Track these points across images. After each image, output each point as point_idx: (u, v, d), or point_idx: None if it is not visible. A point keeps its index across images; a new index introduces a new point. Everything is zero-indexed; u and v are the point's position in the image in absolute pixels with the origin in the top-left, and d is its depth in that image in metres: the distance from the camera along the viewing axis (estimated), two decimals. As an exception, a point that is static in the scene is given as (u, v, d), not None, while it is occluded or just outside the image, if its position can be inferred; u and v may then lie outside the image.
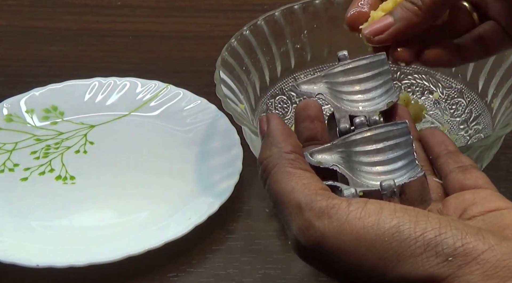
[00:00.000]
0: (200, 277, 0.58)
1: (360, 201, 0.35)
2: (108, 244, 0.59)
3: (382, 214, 0.34)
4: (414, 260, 0.33)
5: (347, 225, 0.34)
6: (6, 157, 0.68)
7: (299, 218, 0.36)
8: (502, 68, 0.63)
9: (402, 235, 0.33)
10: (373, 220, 0.34)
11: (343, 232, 0.34)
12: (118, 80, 0.75)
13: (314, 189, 0.36)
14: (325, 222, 0.35)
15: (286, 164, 0.38)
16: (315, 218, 0.35)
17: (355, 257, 0.34)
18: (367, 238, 0.34)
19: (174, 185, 0.65)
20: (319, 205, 0.35)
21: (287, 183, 0.37)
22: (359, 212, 0.35)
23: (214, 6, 0.90)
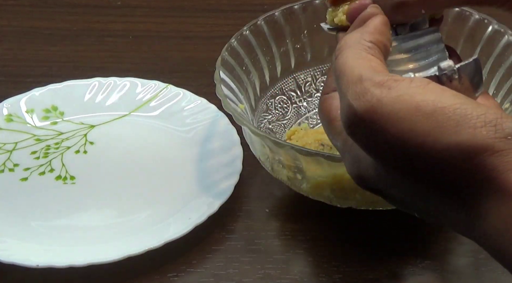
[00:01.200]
0: (200, 277, 0.58)
1: (423, 80, 0.35)
2: (108, 244, 0.59)
3: (444, 93, 0.34)
4: (473, 131, 0.33)
5: (407, 96, 0.34)
6: (6, 157, 0.68)
7: (357, 86, 0.35)
8: (502, 68, 0.63)
9: (465, 111, 0.33)
10: (435, 96, 0.34)
11: (401, 101, 0.34)
12: (118, 80, 0.75)
13: (380, 70, 0.36)
14: (384, 91, 0.35)
15: (361, 48, 0.38)
16: (374, 87, 0.35)
17: (410, 123, 0.34)
18: (427, 108, 0.33)
19: (174, 185, 0.65)
20: (381, 77, 0.35)
21: (355, 60, 0.37)
22: (421, 88, 0.34)
23: (214, 6, 0.90)
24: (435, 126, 0.33)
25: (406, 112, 0.34)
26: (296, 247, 0.61)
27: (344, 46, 0.38)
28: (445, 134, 0.33)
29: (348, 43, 0.38)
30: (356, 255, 0.59)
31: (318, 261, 0.60)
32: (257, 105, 0.65)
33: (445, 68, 0.38)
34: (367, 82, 0.35)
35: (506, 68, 0.63)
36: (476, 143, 0.33)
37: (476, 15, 0.65)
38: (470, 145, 0.33)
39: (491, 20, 0.65)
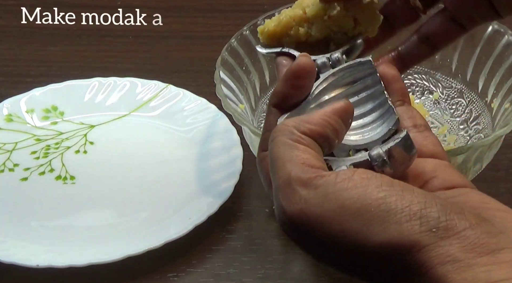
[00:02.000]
0: (200, 277, 0.58)
1: (348, 172, 0.35)
2: (108, 244, 0.59)
3: (368, 187, 0.34)
4: (399, 227, 0.33)
5: (332, 195, 0.35)
6: (6, 157, 0.68)
7: (286, 187, 0.36)
8: (502, 68, 0.63)
9: (389, 206, 0.34)
10: (360, 191, 0.34)
11: (328, 200, 0.35)
12: (118, 80, 0.75)
13: (310, 165, 0.36)
14: (311, 192, 0.35)
15: (294, 139, 0.38)
16: (301, 187, 0.35)
17: (338, 224, 0.34)
18: (352, 207, 0.34)
19: (174, 185, 0.65)
20: (308, 175, 0.36)
21: (287, 152, 0.37)
22: (346, 183, 0.35)
23: (214, 6, 0.90)
24: (363, 225, 0.34)
25: (333, 212, 0.34)
26: (296, 247, 0.61)
27: (278, 133, 0.38)
28: (373, 233, 0.34)
29: (282, 131, 0.38)
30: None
31: (318, 261, 0.59)
32: (257, 105, 0.65)
33: (375, 157, 0.38)
34: (295, 182, 0.36)
35: (506, 68, 0.63)
36: (403, 241, 0.33)
37: (476, 15, 0.65)
38: (398, 242, 0.33)
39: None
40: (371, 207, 0.34)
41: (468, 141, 0.65)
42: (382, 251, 0.34)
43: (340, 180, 0.35)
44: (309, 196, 0.35)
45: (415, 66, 0.69)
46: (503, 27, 0.64)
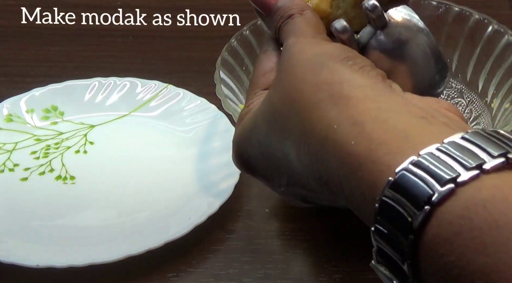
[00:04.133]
0: (200, 277, 0.58)
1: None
2: (108, 244, 0.59)
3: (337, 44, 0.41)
4: (330, 58, 0.38)
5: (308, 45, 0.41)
6: (6, 157, 0.68)
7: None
8: (502, 68, 0.63)
9: (340, 51, 0.39)
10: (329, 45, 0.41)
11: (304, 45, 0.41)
12: (118, 80, 0.75)
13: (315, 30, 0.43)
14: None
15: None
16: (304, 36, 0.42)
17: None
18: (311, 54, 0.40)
19: (174, 185, 0.65)
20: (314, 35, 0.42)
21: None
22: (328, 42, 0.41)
23: (214, 6, 0.90)
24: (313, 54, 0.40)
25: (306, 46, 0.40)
26: (296, 247, 0.61)
27: (303, 18, 0.44)
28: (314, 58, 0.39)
29: (306, 16, 0.44)
30: (356, 255, 0.59)
31: (318, 261, 0.59)
32: (257, 105, 0.65)
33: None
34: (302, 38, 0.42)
35: (506, 68, 0.63)
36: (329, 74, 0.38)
37: (476, 15, 0.65)
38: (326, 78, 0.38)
39: (491, 20, 0.65)
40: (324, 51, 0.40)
41: (468, 141, 0.65)
42: (309, 67, 0.38)
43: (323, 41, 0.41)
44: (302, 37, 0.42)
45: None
46: (503, 27, 0.64)
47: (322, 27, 0.43)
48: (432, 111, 0.35)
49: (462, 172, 0.30)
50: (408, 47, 0.37)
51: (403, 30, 0.37)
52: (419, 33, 0.37)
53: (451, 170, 0.30)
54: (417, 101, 0.36)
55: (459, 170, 0.30)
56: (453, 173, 0.30)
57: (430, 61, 0.38)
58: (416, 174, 0.31)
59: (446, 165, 0.30)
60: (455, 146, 0.31)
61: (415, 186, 0.30)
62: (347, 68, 0.37)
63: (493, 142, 0.31)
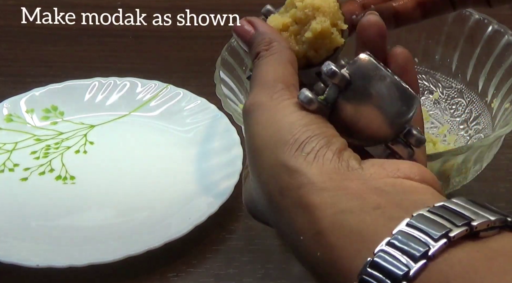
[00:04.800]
0: (200, 277, 0.58)
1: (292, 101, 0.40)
2: (108, 244, 0.59)
3: (297, 112, 0.39)
4: (284, 148, 0.38)
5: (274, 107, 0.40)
6: (6, 157, 0.68)
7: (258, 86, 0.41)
8: (502, 68, 0.63)
9: (293, 127, 0.38)
10: (288, 112, 0.39)
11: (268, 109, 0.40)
12: (118, 80, 0.75)
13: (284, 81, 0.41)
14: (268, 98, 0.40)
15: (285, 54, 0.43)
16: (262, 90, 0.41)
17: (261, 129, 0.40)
18: (272, 121, 0.39)
19: (174, 185, 0.65)
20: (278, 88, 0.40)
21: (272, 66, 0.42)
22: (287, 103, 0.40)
23: (214, 6, 0.90)
24: (269, 135, 0.39)
25: (264, 118, 0.40)
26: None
27: (269, 52, 0.43)
28: (270, 144, 0.39)
29: (272, 50, 0.43)
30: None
31: (318, 261, 0.59)
32: (257, 105, 0.65)
33: (325, 69, 0.39)
34: (265, 89, 0.41)
35: (506, 68, 0.63)
36: (282, 162, 0.38)
37: (476, 15, 0.65)
38: (280, 162, 0.38)
39: (491, 20, 0.65)
40: (284, 123, 0.39)
41: (468, 141, 0.65)
42: (270, 172, 0.38)
43: (288, 103, 0.40)
44: (265, 99, 0.40)
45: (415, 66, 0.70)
46: (503, 27, 0.64)
47: (288, 68, 0.42)
48: (388, 192, 0.36)
49: (410, 265, 0.32)
50: (374, 93, 0.39)
51: (367, 82, 0.39)
52: (381, 76, 0.39)
53: (401, 263, 0.32)
54: (374, 180, 0.37)
55: (408, 263, 0.32)
56: (403, 266, 0.32)
57: (396, 97, 0.40)
58: (373, 275, 0.32)
59: (395, 259, 0.32)
60: (402, 235, 0.33)
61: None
62: (302, 162, 0.37)
63: (436, 222, 0.32)
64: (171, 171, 0.67)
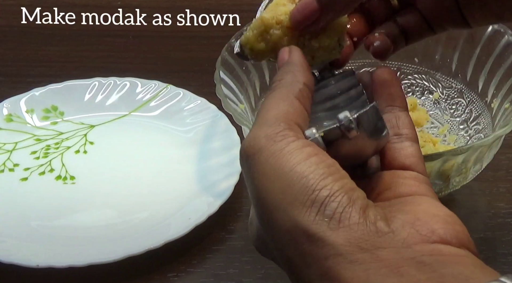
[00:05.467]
0: (200, 277, 0.58)
1: (302, 143, 0.36)
2: (108, 244, 0.59)
3: (308, 160, 0.36)
4: (301, 210, 0.34)
5: (280, 154, 0.36)
6: (6, 157, 0.68)
7: (257, 128, 0.38)
8: (502, 68, 0.63)
9: (306, 183, 0.35)
10: (298, 160, 0.36)
11: (274, 157, 0.36)
12: (118, 80, 0.75)
13: (291, 118, 0.38)
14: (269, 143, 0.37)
15: (292, 91, 0.39)
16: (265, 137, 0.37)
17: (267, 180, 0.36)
18: (283, 170, 0.36)
19: (174, 185, 0.65)
20: (277, 130, 0.37)
21: (278, 102, 0.39)
22: (294, 150, 0.36)
23: (214, 6, 0.90)
24: (280, 192, 0.35)
25: (270, 169, 0.36)
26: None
27: (278, 86, 0.40)
28: (282, 206, 0.35)
29: (282, 84, 0.40)
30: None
31: (318, 261, 0.59)
32: (257, 105, 0.65)
33: (342, 119, 0.38)
34: (264, 129, 0.37)
35: (506, 68, 0.63)
36: (299, 225, 0.34)
37: (476, 15, 0.65)
38: (296, 225, 0.35)
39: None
40: (296, 175, 0.35)
41: (468, 141, 0.65)
42: (288, 236, 0.35)
43: (293, 147, 0.36)
44: (266, 145, 0.37)
45: (415, 66, 0.70)
46: (503, 27, 0.64)
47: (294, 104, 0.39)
48: (427, 264, 0.33)
49: None
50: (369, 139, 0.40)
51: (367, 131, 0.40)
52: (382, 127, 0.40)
53: None
54: (409, 249, 0.34)
55: None
56: None
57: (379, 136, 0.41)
58: None
59: None
60: None
61: None
62: (326, 230, 0.34)
63: None
64: (171, 171, 0.67)
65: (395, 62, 0.70)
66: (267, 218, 0.36)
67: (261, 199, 0.36)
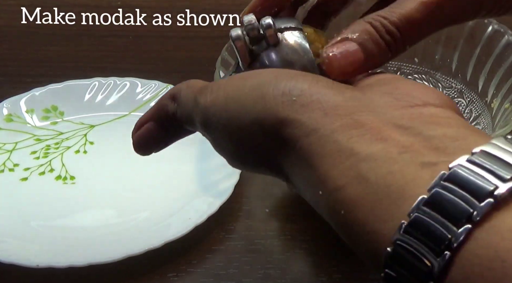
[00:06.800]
0: (200, 277, 0.58)
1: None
2: (108, 244, 0.59)
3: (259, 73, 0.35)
4: (268, 101, 0.33)
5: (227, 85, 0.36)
6: (6, 157, 0.68)
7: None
8: (502, 68, 0.63)
9: (265, 82, 0.34)
10: (246, 75, 0.36)
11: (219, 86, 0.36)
12: (118, 80, 0.75)
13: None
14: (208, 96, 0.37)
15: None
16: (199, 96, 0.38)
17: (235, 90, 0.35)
18: (244, 84, 0.35)
19: (174, 185, 0.65)
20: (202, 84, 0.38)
21: None
22: (237, 76, 0.36)
23: (214, 6, 0.90)
24: (242, 102, 0.34)
25: (226, 89, 0.36)
26: (296, 247, 0.61)
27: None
28: (253, 107, 0.34)
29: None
30: (356, 255, 0.59)
31: (318, 261, 0.60)
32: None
33: (263, 22, 0.40)
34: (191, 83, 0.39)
35: (506, 68, 0.63)
36: (270, 116, 0.33)
37: (476, 15, 0.65)
38: (266, 117, 0.33)
39: (491, 20, 0.65)
40: (260, 82, 0.34)
41: (468, 141, 0.65)
42: (255, 129, 0.34)
43: (234, 77, 0.36)
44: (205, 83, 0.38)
45: (415, 66, 0.69)
46: (503, 27, 0.64)
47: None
48: (409, 127, 0.30)
49: (453, 231, 0.26)
50: (292, 67, 0.40)
51: (290, 52, 0.40)
52: (304, 58, 0.40)
53: (444, 227, 0.26)
54: (389, 114, 0.31)
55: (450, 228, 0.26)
56: (446, 231, 0.26)
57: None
58: (407, 248, 0.27)
59: (436, 220, 0.27)
60: (443, 193, 0.27)
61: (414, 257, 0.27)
62: (298, 109, 0.32)
63: (483, 178, 0.27)
64: (171, 171, 0.67)
65: (395, 62, 0.70)
66: (235, 123, 0.35)
67: (229, 110, 0.35)
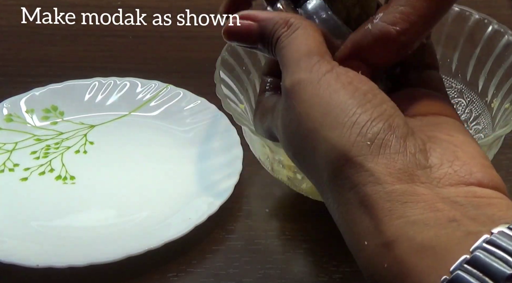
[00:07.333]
0: (200, 277, 0.58)
1: (338, 73, 0.37)
2: (108, 244, 0.59)
3: (343, 89, 0.36)
4: (341, 131, 0.34)
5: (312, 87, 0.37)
6: (6, 157, 0.68)
7: (294, 64, 0.39)
8: (502, 68, 0.63)
9: (346, 108, 0.35)
10: (333, 89, 0.36)
11: (306, 87, 0.37)
12: (118, 80, 0.75)
13: (318, 52, 0.38)
14: (307, 74, 0.37)
15: (306, 29, 0.40)
16: (304, 70, 0.38)
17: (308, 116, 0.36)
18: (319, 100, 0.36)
19: (174, 185, 0.65)
20: (314, 60, 0.38)
21: (300, 42, 0.39)
22: (334, 79, 0.37)
23: (214, 6, 0.90)
24: (320, 115, 0.36)
25: (309, 97, 0.37)
26: (296, 247, 0.61)
27: (291, 31, 0.40)
28: (323, 128, 0.35)
29: (293, 28, 0.40)
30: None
31: (318, 261, 0.60)
32: (257, 105, 0.65)
33: None
34: (301, 63, 0.38)
35: (506, 68, 0.63)
36: (339, 146, 0.34)
37: (476, 15, 0.65)
38: (336, 146, 0.34)
39: (491, 20, 0.65)
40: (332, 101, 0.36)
41: (468, 141, 0.65)
42: (322, 159, 0.35)
43: (333, 76, 0.37)
44: (305, 76, 0.37)
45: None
46: (503, 27, 0.64)
47: (316, 38, 0.40)
48: (462, 204, 0.33)
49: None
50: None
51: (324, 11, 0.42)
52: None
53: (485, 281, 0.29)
54: (445, 189, 0.34)
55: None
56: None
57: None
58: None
59: (477, 278, 0.29)
60: (483, 253, 0.30)
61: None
62: (367, 155, 0.33)
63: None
64: (171, 171, 0.67)
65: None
66: (306, 142, 0.36)
67: (302, 124, 0.36)
